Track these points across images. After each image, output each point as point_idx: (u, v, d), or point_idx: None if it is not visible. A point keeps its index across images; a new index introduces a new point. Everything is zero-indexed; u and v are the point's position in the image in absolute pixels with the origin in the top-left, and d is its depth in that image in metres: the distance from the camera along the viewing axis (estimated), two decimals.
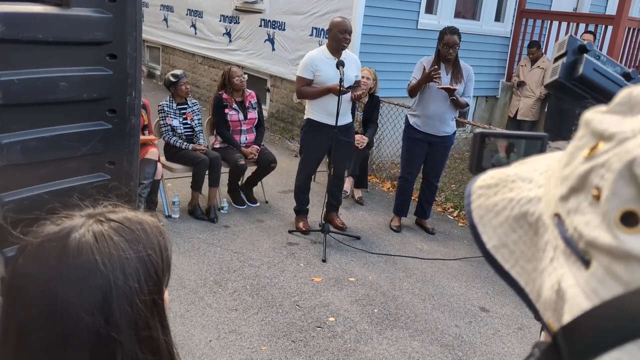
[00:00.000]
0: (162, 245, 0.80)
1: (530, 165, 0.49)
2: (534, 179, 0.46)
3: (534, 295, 0.43)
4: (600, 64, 1.02)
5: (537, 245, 0.43)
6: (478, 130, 1.01)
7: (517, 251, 0.45)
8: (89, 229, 0.75)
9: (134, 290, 0.73)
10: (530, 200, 0.45)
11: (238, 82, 5.13)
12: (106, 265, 0.72)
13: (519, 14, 8.31)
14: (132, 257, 0.74)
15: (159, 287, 0.78)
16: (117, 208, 0.82)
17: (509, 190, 0.47)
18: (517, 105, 7.93)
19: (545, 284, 0.41)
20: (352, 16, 6.55)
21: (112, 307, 0.71)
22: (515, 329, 3.79)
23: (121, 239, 0.75)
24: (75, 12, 1.52)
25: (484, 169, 1.05)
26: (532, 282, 0.43)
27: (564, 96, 1.04)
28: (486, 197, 0.48)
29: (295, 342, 3.37)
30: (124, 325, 0.72)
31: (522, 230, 0.45)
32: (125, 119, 1.65)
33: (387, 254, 4.70)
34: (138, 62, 1.64)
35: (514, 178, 0.47)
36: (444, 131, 4.93)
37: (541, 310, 0.42)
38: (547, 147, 1.03)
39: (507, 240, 0.45)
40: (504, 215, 0.46)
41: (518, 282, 0.45)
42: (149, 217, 0.83)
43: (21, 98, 1.49)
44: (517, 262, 0.45)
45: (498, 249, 0.46)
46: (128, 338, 0.72)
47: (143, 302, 0.74)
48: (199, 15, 9.54)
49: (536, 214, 0.44)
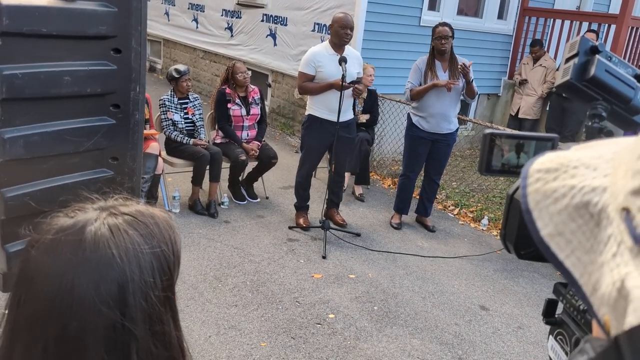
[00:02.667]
0: (173, 240, 0.80)
1: (594, 150, 0.46)
2: (599, 167, 0.44)
3: (589, 289, 0.41)
4: (612, 65, 1.01)
5: (597, 237, 0.41)
6: (488, 131, 0.99)
7: (574, 241, 0.43)
8: (104, 222, 0.75)
9: (149, 285, 0.73)
10: (594, 189, 0.42)
11: (241, 78, 5.11)
12: (123, 258, 0.72)
13: (521, 12, 8.28)
14: (147, 252, 0.75)
15: (171, 282, 0.79)
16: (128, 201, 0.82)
17: (571, 176, 0.44)
18: (518, 103, 7.92)
19: (605, 279, 0.39)
20: (355, 12, 6.52)
21: (128, 301, 0.71)
22: (515, 327, 3.79)
23: (136, 233, 0.75)
24: (80, 5, 1.50)
25: (493, 170, 1.04)
26: (588, 275, 0.41)
27: (575, 97, 1.03)
28: (544, 182, 0.46)
29: (295, 339, 3.37)
30: (139, 319, 0.72)
31: (582, 220, 0.42)
32: (129, 114, 1.63)
33: (388, 251, 4.70)
34: (143, 56, 1.62)
35: (577, 164, 0.45)
36: (447, 128, 4.92)
37: (596, 304, 0.40)
38: (557, 148, 1.02)
39: (565, 229, 0.43)
40: (564, 203, 0.44)
41: (572, 273, 0.43)
42: (159, 211, 0.83)
43: (24, 92, 1.48)
44: (573, 252, 0.43)
45: (553, 237, 0.44)
46: (143, 332, 0.73)
47: (157, 296, 0.74)
48: (201, 9, 9.50)
49: (600, 204, 0.42)
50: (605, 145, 0.46)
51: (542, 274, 4.60)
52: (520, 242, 0.86)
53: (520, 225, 0.87)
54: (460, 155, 7.59)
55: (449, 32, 4.70)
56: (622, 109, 1.01)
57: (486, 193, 6.33)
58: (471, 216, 5.70)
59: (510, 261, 4.75)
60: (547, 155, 0.48)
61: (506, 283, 4.41)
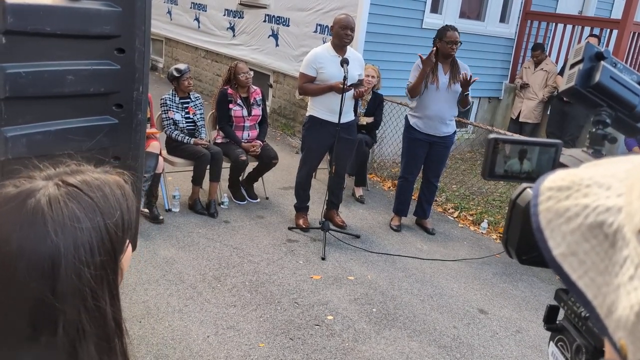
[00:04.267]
0: (124, 209, 0.78)
1: (606, 168, 0.45)
2: (612, 186, 0.43)
3: (603, 311, 0.41)
4: (617, 71, 1.01)
5: (612, 258, 0.41)
6: (492, 136, 0.99)
7: (587, 262, 0.42)
8: (45, 193, 0.73)
9: (83, 261, 0.72)
10: (608, 209, 0.42)
11: (243, 79, 5.11)
12: (57, 234, 0.71)
13: (524, 16, 8.29)
14: (87, 227, 0.73)
15: (113, 257, 0.77)
16: (80, 168, 0.80)
17: (583, 195, 0.44)
18: (519, 107, 7.92)
19: (622, 302, 0.39)
20: (357, 13, 6.52)
21: (60, 276, 0.71)
22: (513, 331, 3.78)
23: (77, 207, 0.74)
24: (84, 5, 1.50)
25: (496, 175, 1.04)
26: (602, 297, 0.41)
27: (580, 103, 1.03)
28: (556, 200, 0.45)
29: (294, 340, 3.37)
30: (69, 295, 0.71)
31: (596, 240, 0.42)
32: (131, 114, 1.63)
33: (387, 254, 4.70)
34: (146, 57, 1.62)
35: (589, 182, 0.44)
36: (445, 131, 4.92)
37: (611, 327, 0.40)
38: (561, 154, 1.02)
39: (578, 249, 0.43)
40: (577, 222, 0.43)
41: (585, 294, 0.42)
42: (112, 178, 0.80)
43: (28, 91, 1.48)
44: (586, 273, 0.42)
45: (566, 257, 0.43)
46: (72, 308, 0.72)
47: (92, 273, 0.73)
48: (203, 8, 9.50)
49: (615, 225, 0.41)
50: (617, 163, 0.46)
51: (541, 278, 4.60)
52: (522, 247, 0.86)
53: (522, 230, 0.87)
54: (461, 158, 7.59)
55: (459, 37, 4.70)
56: (627, 115, 1.01)
57: (486, 196, 6.33)
58: (471, 219, 5.70)
59: (510, 265, 4.75)
60: (558, 173, 0.47)
61: (505, 287, 4.40)
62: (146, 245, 4.25)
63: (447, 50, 4.69)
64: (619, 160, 0.46)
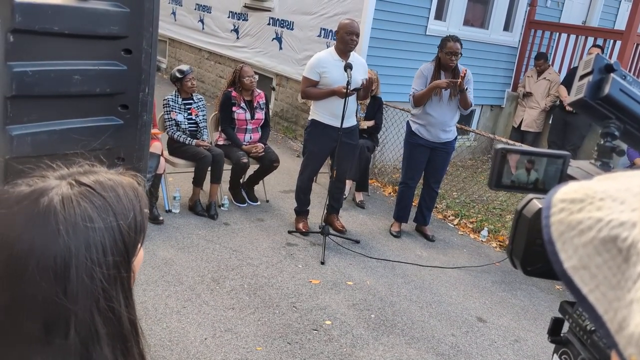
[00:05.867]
0: (137, 210, 0.77)
1: (619, 182, 0.45)
2: (626, 200, 0.43)
3: (614, 326, 0.40)
4: (626, 84, 1.01)
5: (625, 273, 0.40)
6: (499, 146, 0.99)
7: (599, 276, 0.42)
8: (58, 192, 0.73)
9: (95, 262, 0.72)
10: (622, 223, 0.41)
11: (248, 82, 5.11)
12: (69, 234, 0.71)
13: (527, 25, 8.30)
14: (99, 228, 0.73)
15: (126, 258, 0.76)
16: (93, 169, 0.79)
17: (597, 208, 0.43)
18: (521, 115, 7.93)
19: (634, 318, 0.38)
20: (362, 19, 6.54)
21: (70, 277, 0.70)
22: (512, 340, 3.78)
23: (90, 206, 0.73)
24: (92, 5, 1.50)
25: (503, 185, 1.04)
26: (614, 312, 0.40)
27: (588, 115, 1.03)
28: (569, 212, 0.45)
29: (291, 344, 3.36)
30: (80, 296, 0.71)
31: (608, 254, 0.42)
32: (137, 115, 1.63)
33: (386, 259, 4.69)
34: (153, 58, 1.62)
35: (602, 196, 0.44)
36: (446, 137, 4.93)
37: (622, 343, 0.39)
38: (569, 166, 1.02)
39: (590, 263, 0.42)
40: (589, 236, 0.43)
41: (596, 309, 0.42)
42: (125, 179, 0.80)
43: (34, 90, 1.48)
44: (597, 287, 0.42)
45: (577, 270, 0.43)
46: (84, 308, 0.71)
47: (105, 273, 0.73)
48: (208, 10, 9.52)
49: (629, 240, 0.40)
50: (631, 177, 0.45)
51: (540, 287, 4.59)
52: (527, 258, 0.86)
53: (527, 241, 0.87)
54: (462, 166, 7.59)
55: (460, 49, 4.70)
56: (635, 128, 1.01)
57: (487, 204, 6.33)
58: (471, 227, 5.70)
59: (509, 273, 4.74)
60: (570, 185, 0.47)
61: (504, 295, 4.40)
62: (145, 245, 4.20)
63: (447, 61, 4.71)
64: (633, 174, 0.46)
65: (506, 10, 8.07)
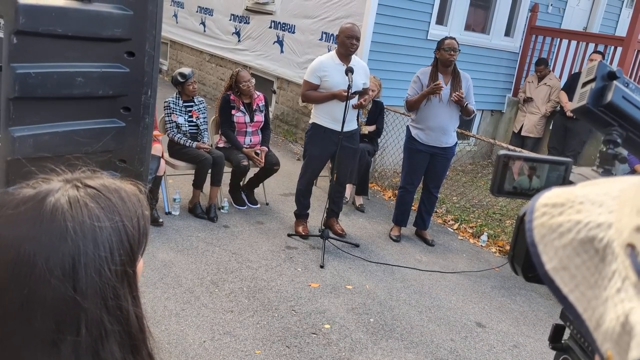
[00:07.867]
0: (140, 214, 0.79)
1: (601, 187, 0.47)
2: (604, 203, 0.44)
3: (592, 324, 0.42)
4: (629, 91, 1.01)
5: (602, 272, 0.42)
6: (502, 152, 0.99)
7: (578, 276, 0.44)
8: (64, 193, 0.74)
9: (103, 259, 0.73)
10: (599, 225, 0.43)
11: (245, 88, 5.10)
12: (77, 232, 0.71)
13: (529, 30, 8.32)
14: (106, 227, 0.74)
15: (132, 258, 0.77)
16: (96, 174, 0.81)
17: (576, 211, 0.45)
18: (522, 121, 7.94)
19: (609, 314, 0.40)
20: (363, 23, 6.55)
21: (80, 275, 0.71)
22: (510, 346, 3.77)
23: (96, 207, 0.74)
24: (96, 7, 1.51)
25: (505, 191, 1.04)
26: (592, 310, 0.42)
27: (591, 122, 1.03)
28: (550, 216, 0.47)
29: (290, 348, 3.35)
30: (90, 293, 0.72)
31: (587, 255, 0.43)
32: (139, 118, 1.63)
33: (386, 264, 4.69)
34: (156, 61, 1.62)
35: (582, 200, 0.46)
36: (446, 142, 4.93)
37: (599, 340, 0.41)
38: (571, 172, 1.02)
39: (569, 264, 0.44)
40: (569, 238, 0.44)
41: (576, 308, 0.43)
42: (128, 185, 0.81)
43: (37, 91, 1.48)
44: (577, 287, 0.44)
45: (557, 271, 0.45)
46: (94, 306, 0.72)
47: (113, 271, 0.74)
48: (209, 13, 9.53)
49: (605, 240, 0.42)
50: (612, 182, 0.47)
51: (539, 293, 4.59)
52: (528, 264, 0.86)
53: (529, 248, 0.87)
54: (462, 170, 7.60)
55: (457, 45, 4.73)
56: (638, 135, 1.01)
57: (486, 209, 6.33)
58: (470, 232, 5.70)
59: (508, 279, 4.74)
60: (554, 190, 0.49)
61: (503, 301, 4.39)
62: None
63: (446, 56, 4.71)
64: (614, 179, 0.48)
65: (507, 15, 8.09)
